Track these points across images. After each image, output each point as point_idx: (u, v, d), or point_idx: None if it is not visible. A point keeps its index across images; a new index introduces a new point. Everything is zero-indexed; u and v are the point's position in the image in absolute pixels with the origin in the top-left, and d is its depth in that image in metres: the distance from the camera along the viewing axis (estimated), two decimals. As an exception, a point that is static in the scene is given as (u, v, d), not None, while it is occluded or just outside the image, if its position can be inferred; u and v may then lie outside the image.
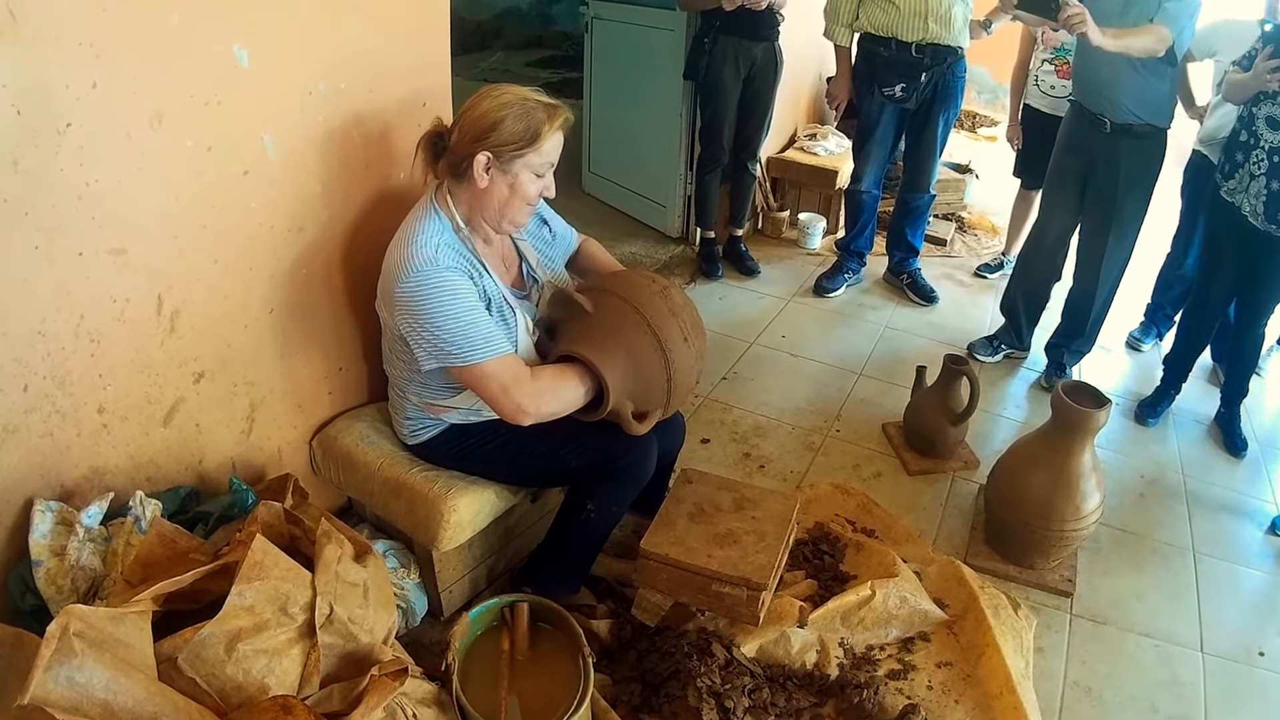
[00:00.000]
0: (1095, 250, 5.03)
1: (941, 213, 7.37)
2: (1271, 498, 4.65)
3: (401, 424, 2.92)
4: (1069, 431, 3.59)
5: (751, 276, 6.18)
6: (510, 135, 2.56)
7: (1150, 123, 4.69)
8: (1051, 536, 3.64)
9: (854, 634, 3.19)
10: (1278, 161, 4.28)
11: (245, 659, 1.93)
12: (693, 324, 2.89)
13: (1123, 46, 4.31)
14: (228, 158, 2.40)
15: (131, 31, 2.08)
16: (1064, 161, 5.09)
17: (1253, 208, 4.42)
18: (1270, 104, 4.30)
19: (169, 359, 2.46)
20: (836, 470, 4.27)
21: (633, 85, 6.33)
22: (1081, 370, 5.47)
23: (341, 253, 2.89)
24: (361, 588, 2.23)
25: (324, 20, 2.58)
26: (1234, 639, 3.73)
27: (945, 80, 5.48)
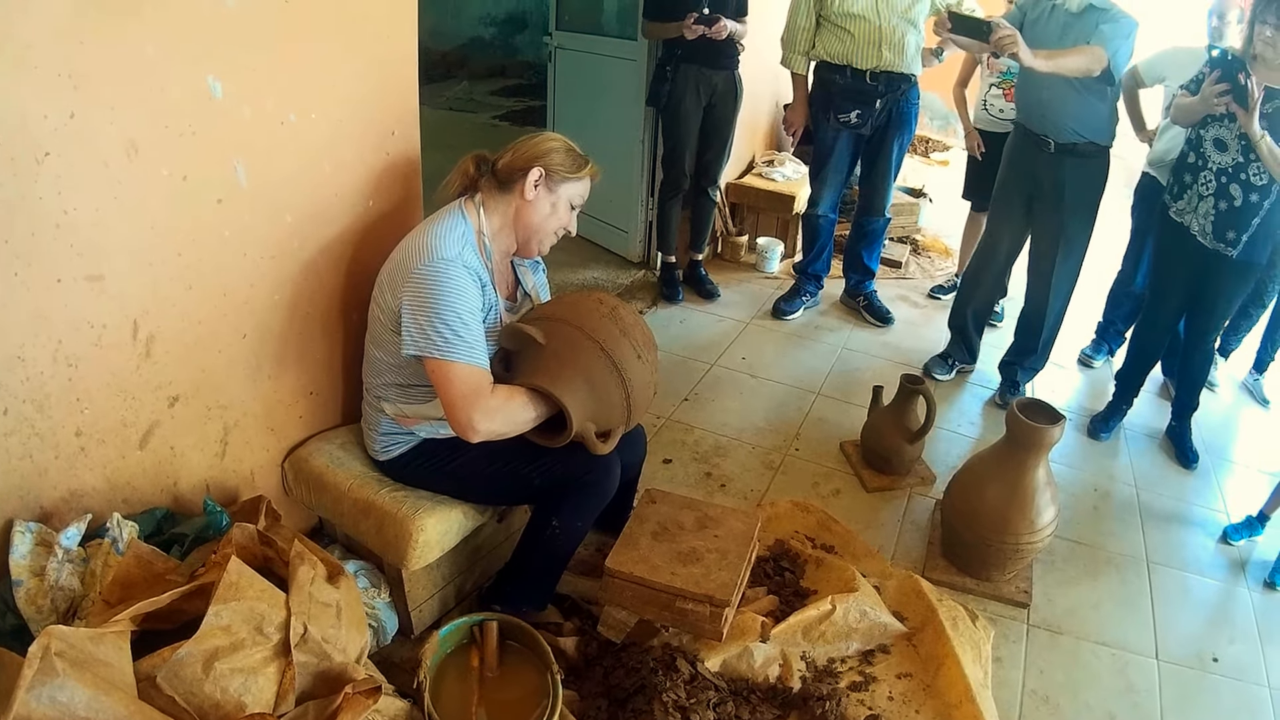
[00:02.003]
0: (1044, 268, 5.09)
1: (896, 235, 7.44)
2: (1223, 507, 4.73)
3: (374, 440, 2.94)
4: (1023, 447, 3.63)
5: (711, 300, 6.21)
6: (561, 162, 2.87)
7: (1093, 141, 4.78)
8: (1007, 550, 3.67)
9: (815, 648, 3.21)
10: (1225, 182, 4.37)
11: (222, 677, 1.94)
12: (644, 341, 2.94)
13: (1056, 67, 4.41)
14: (202, 187, 2.42)
15: (108, 62, 2.10)
16: (1009, 181, 5.17)
17: (1201, 227, 4.50)
18: (1217, 127, 4.37)
19: (144, 383, 2.46)
20: (796, 488, 4.29)
21: (595, 114, 6.37)
22: (1035, 387, 5.53)
23: (313, 279, 2.90)
24: (334, 608, 2.24)
25: (295, 52, 2.60)
26: (1188, 646, 3.78)
27: (899, 107, 5.54)
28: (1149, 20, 4.65)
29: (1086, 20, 4.56)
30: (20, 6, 1.91)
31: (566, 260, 6.24)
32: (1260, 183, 4.28)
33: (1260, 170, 4.26)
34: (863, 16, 5.23)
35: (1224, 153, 4.37)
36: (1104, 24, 4.49)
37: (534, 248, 2.96)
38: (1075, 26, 4.57)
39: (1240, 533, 4.52)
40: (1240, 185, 4.33)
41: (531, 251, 2.98)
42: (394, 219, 3.12)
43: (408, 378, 2.79)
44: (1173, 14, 7.28)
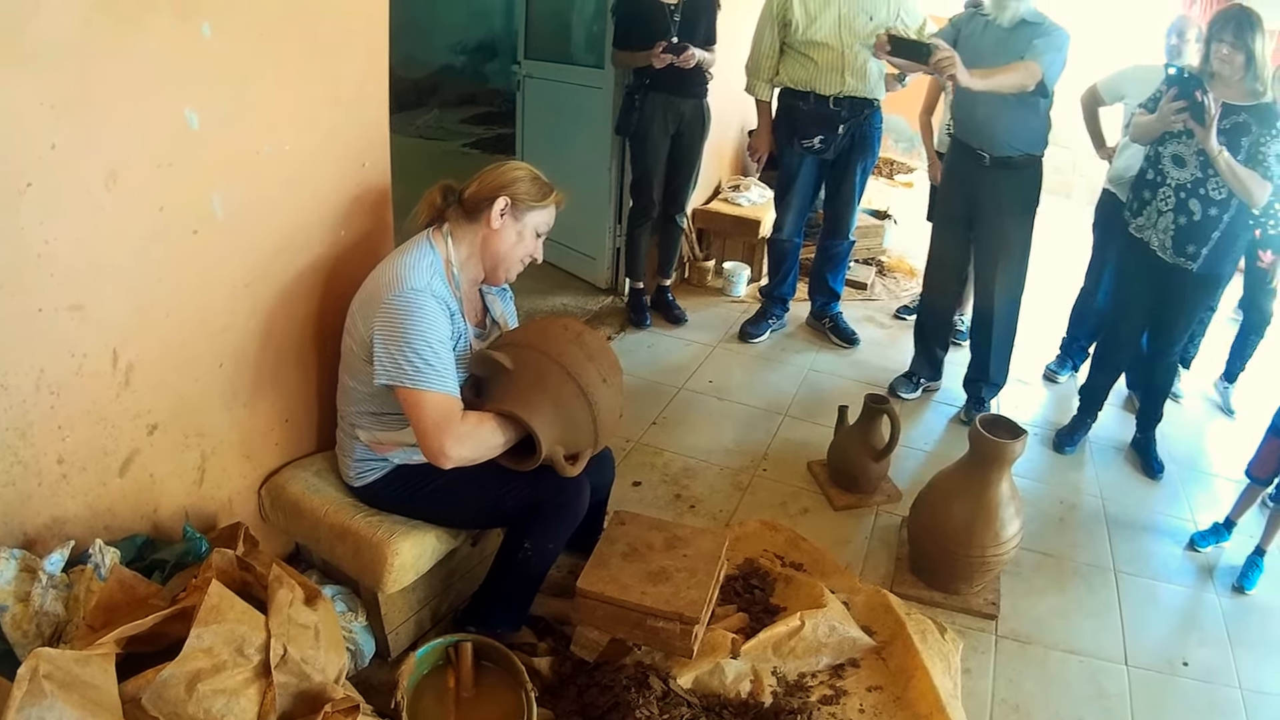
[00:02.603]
0: (988, 278, 5.20)
1: (862, 257, 7.52)
2: (1190, 516, 4.79)
3: (348, 466, 2.99)
4: (987, 462, 3.68)
5: (679, 325, 6.26)
6: (527, 191, 2.93)
7: (1027, 153, 4.88)
8: (974, 563, 3.72)
9: (786, 663, 3.24)
10: (1184, 198, 4.45)
11: (205, 698, 1.98)
12: (609, 364, 3.01)
13: (992, 85, 4.49)
14: (179, 217, 2.46)
15: (89, 94, 2.15)
16: (948, 195, 5.28)
17: (1161, 242, 4.58)
18: (1175, 143, 4.46)
19: (124, 411, 2.50)
20: (764, 508, 4.33)
21: (563, 142, 6.42)
22: (999, 403, 5.59)
23: (287, 308, 2.95)
24: (313, 630, 2.28)
25: (269, 85, 2.66)
26: (1157, 652, 3.83)
27: (862, 131, 5.62)
28: (1110, 39, 4.72)
29: (1019, 35, 4.67)
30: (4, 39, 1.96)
31: (535, 287, 6.29)
32: (1219, 197, 4.37)
33: (1219, 185, 4.34)
34: (825, 44, 5.31)
35: (1182, 169, 4.46)
36: (1037, 38, 4.60)
37: (501, 275, 3.02)
38: (1009, 42, 4.68)
39: (1207, 539, 4.57)
40: (1199, 200, 4.41)
41: (499, 279, 3.04)
42: (365, 249, 3.17)
43: (381, 405, 2.84)
44: (1131, 32, 7.37)
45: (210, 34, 2.41)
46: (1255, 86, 4.31)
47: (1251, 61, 4.29)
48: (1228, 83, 4.34)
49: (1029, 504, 4.40)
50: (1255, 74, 4.31)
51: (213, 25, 2.41)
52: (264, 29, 2.60)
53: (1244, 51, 4.28)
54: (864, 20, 5.31)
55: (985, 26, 4.80)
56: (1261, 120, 4.29)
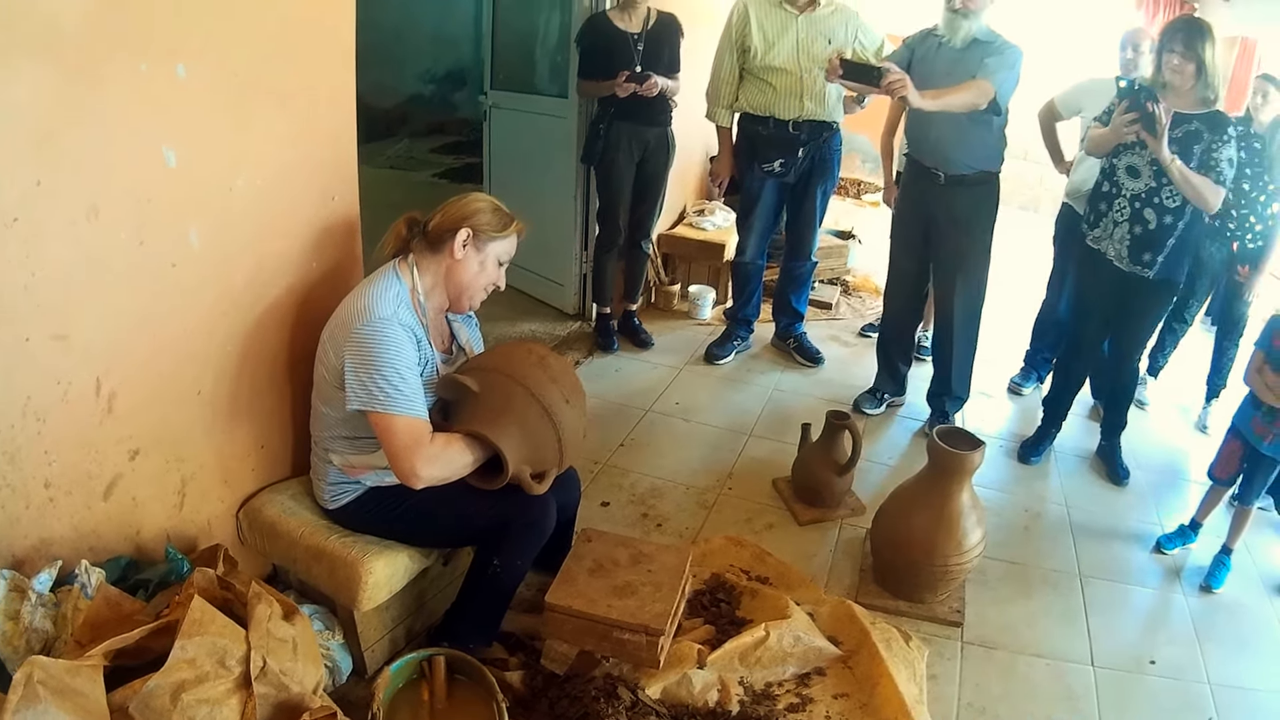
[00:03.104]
0: (947, 293, 5.31)
1: (827, 277, 7.65)
2: (1156, 520, 4.89)
3: (323, 489, 3.09)
4: (946, 473, 3.79)
5: (645, 348, 6.35)
6: (488, 221, 3.05)
7: (982, 170, 4.99)
8: (937, 572, 3.82)
9: (753, 672, 3.34)
10: (1139, 207, 4.58)
11: (189, 708, 2.09)
12: (572, 386, 3.14)
13: (943, 105, 4.61)
14: (158, 250, 2.58)
15: (73, 132, 2.27)
16: (905, 213, 5.39)
17: (1118, 252, 4.69)
18: (1129, 155, 4.58)
19: (107, 437, 2.60)
20: (730, 525, 4.41)
21: (530, 170, 6.51)
22: (964, 417, 5.69)
23: (262, 337, 3.06)
24: (291, 643, 2.40)
25: (242, 123, 2.78)
26: (1125, 652, 3.91)
27: (822, 154, 5.74)
28: (1067, 54, 4.86)
29: (972, 55, 4.77)
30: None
31: (504, 314, 6.38)
32: (1174, 205, 4.48)
33: (1173, 193, 4.46)
34: (783, 69, 5.43)
35: (1137, 179, 4.57)
36: (989, 57, 4.70)
37: (465, 304, 3.14)
38: (962, 62, 4.79)
39: (1173, 541, 4.67)
40: (1154, 209, 4.53)
41: (463, 307, 3.17)
42: (335, 279, 3.29)
43: (353, 430, 2.94)
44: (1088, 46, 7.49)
45: (185, 75, 2.54)
46: (1207, 95, 4.42)
47: (1202, 70, 4.39)
48: (1180, 92, 4.44)
49: (994, 514, 4.52)
50: (1206, 82, 4.40)
51: (187, 67, 2.54)
52: (235, 69, 2.71)
53: (1194, 61, 4.38)
54: (822, 44, 5.43)
55: (939, 47, 4.90)
56: (1213, 127, 4.39)
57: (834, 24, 5.55)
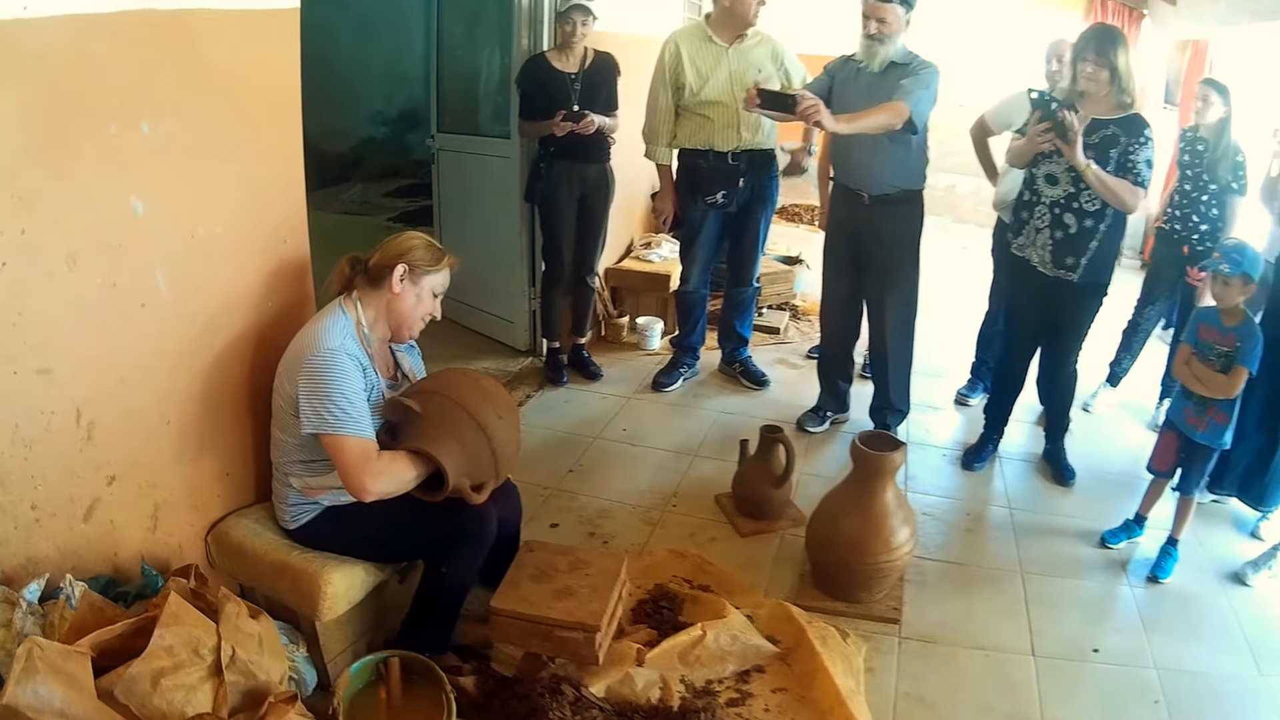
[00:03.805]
0: (878, 310, 5.64)
1: (775, 303, 7.94)
2: (1103, 517, 5.10)
3: (283, 511, 3.43)
4: (870, 476, 4.09)
5: (595, 380, 6.62)
6: (422, 257, 3.43)
7: (904, 188, 5.33)
8: (869, 570, 4.09)
9: (693, 671, 3.61)
10: (1059, 213, 4.87)
11: (168, 692, 2.46)
12: (504, 404, 3.52)
13: (858, 128, 4.86)
14: (129, 292, 2.93)
15: (53, 187, 2.63)
16: (835, 236, 5.70)
17: (1041, 258, 4.98)
18: (1048, 163, 4.87)
19: (87, 463, 2.91)
20: (674, 540, 4.68)
21: (478, 211, 6.87)
22: (909, 429, 6.00)
23: (223, 372, 3.42)
24: (257, 638, 2.78)
25: (201, 175, 3.16)
26: (1066, 642, 4.13)
27: (761, 182, 6.07)
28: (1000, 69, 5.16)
29: (889, 77, 5.07)
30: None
31: (458, 353, 6.61)
32: (1093, 209, 4.77)
33: (1092, 198, 4.74)
34: (719, 101, 5.74)
35: (1055, 186, 4.87)
36: (904, 78, 4.98)
37: (405, 334, 3.52)
38: (880, 84, 5.07)
39: (1118, 536, 4.91)
40: (1074, 214, 4.82)
41: (404, 337, 3.55)
42: (288, 316, 3.63)
43: (309, 454, 3.31)
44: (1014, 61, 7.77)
45: (149, 131, 2.91)
46: (1123, 99, 4.72)
47: (1116, 76, 4.68)
48: (1096, 99, 4.74)
49: (935, 519, 4.91)
50: (1121, 87, 4.70)
51: (150, 124, 2.91)
52: (193, 126, 3.09)
53: (1107, 68, 4.67)
54: (753, 74, 5.73)
55: (857, 72, 5.19)
56: (1130, 130, 4.67)
57: (762, 54, 5.87)
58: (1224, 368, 4.47)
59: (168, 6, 2.91)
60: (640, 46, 6.97)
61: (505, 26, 6.39)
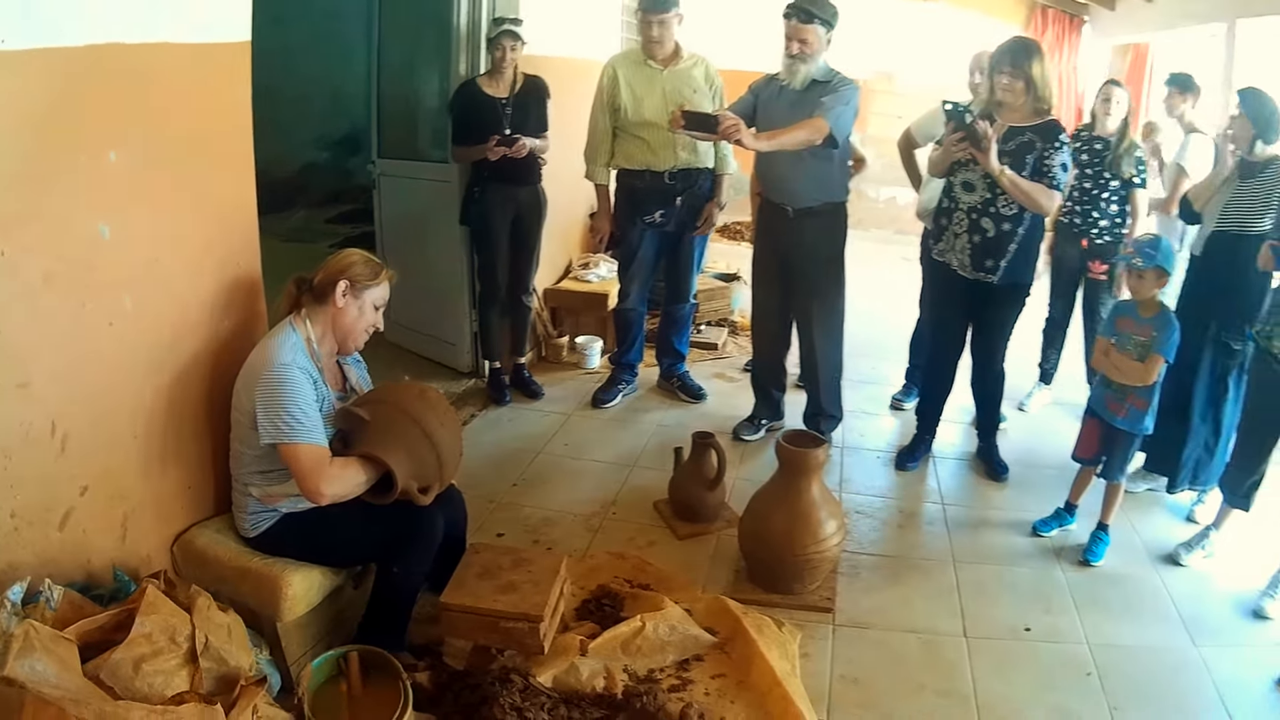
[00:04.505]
0: (806, 320, 5.91)
1: (712, 319, 8.21)
2: (1035, 509, 5.36)
3: (244, 520, 3.69)
4: (796, 472, 4.38)
5: (536, 398, 6.82)
6: (361, 273, 3.72)
7: (827, 201, 5.60)
8: (800, 562, 4.35)
9: (635, 660, 3.86)
10: (976, 218, 5.16)
11: (148, 676, 2.77)
12: (446, 412, 3.85)
13: (778, 145, 5.13)
14: (98, 312, 3.20)
15: (30, 213, 2.89)
16: (761, 247, 6.06)
17: (961, 262, 5.26)
18: (964, 171, 5.15)
19: (61, 474, 3.13)
20: (615, 544, 4.92)
21: (419, 235, 7.05)
22: (844, 434, 6.36)
23: (185, 387, 3.67)
24: (226, 629, 3.09)
25: (164, 201, 3.45)
26: (998, 622, 4.37)
27: (698, 200, 6.32)
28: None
29: (811, 94, 5.33)
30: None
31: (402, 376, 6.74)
32: (1010, 213, 5.05)
33: (1008, 202, 5.02)
34: (654, 123, 6.01)
35: (972, 193, 5.15)
36: (824, 95, 5.26)
37: (351, 346, 3.82)
38: (802, 102, 5.33)
39: (1049, 524, 5.18)
40: (991, 219, 5.10)
41: (349, 349, 3.84)
42: (244, 335, 3.90)
43: (267, 465, 3.58)
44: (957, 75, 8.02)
45: (115, 159, 3.18)
46: (1039, 107, 5.01)
47: (1031, 86, 4.96)
48: (1013, 108, 5.04)
49: (868, 517, 5.19)
50: (1037, 96, 4.99)
51: (117, 152, 3.18)
52: (155, 154, 3.37)
53: (1023, 78, 4.95)
54: (687, 94, 6.02)
55: (780, 90, 5.46)
56: (1045, 136, 4.96)
57: (696, 75, 6.16)
58: (1141, 357, 4.73)
59: (133, 41, 3.19)
60: (576, 69, 7.27)
61: (443, 52, 6.61)
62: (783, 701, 3.64)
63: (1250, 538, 5.07)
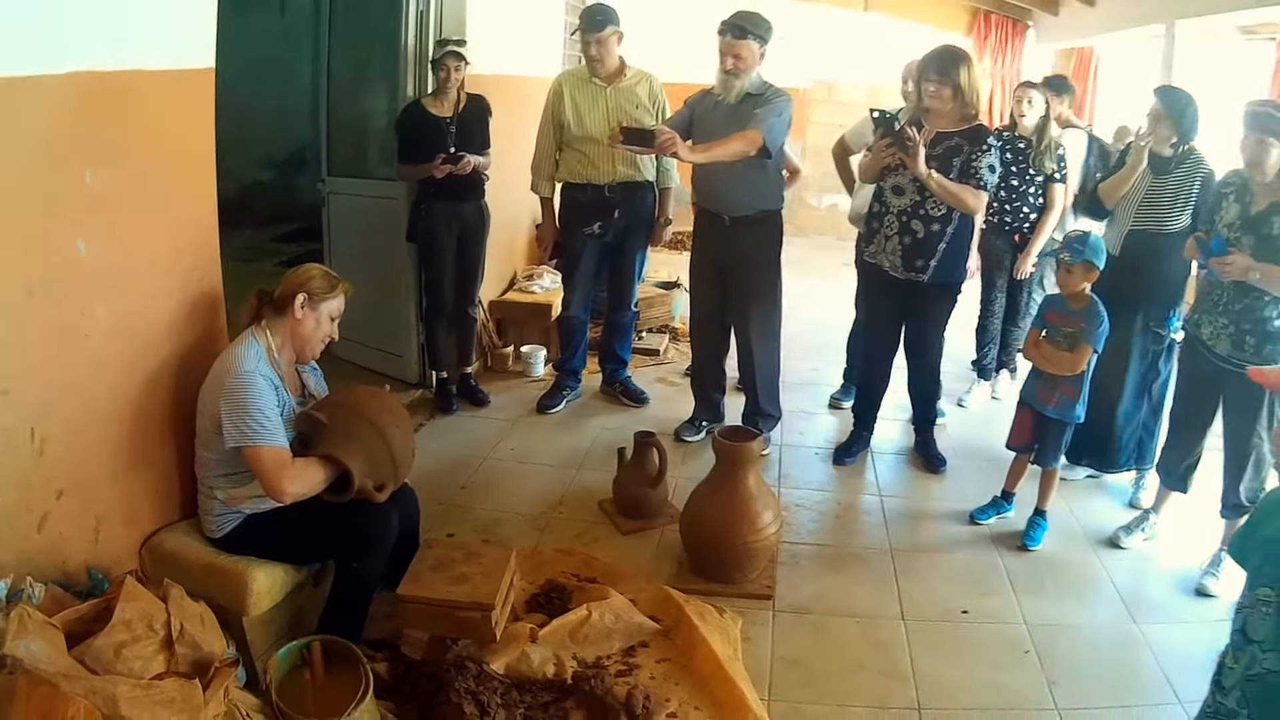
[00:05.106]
0: (743, 323, 6.12)
1: (654, 326, 8.46)
2: (973, 498, 5.60)
3: (209, 521, 3.90)
4: (732, 465, 4.62)
5: (483, 406, 7.03)
6: (319, 286, 3.95)
7: (762, 209, 5.84)
8: (738, 551, 4.58)
9: (583, 648, 4.07)
10: (906, 220, 5.41)
11: (128, 660, 3.01)
12: (400, 414, 4.13)
13: (714, 156, 5.34)
14: (75, 324, 3.41)
15: (12, 231, 3.09)
16: (700, 257, 6.27)
17: (892, 263, 5.50)
18: (894, 176, 5.39)
19: (39, 478, 3.30)
20: (561, 542, 5.12)
21: (367, 251, 7.19)
22: (783, 433, 6.58)
23: (153, 395, 3.90)
24: (199, 617, 3.34)
25: (134, 219, 3.67)
26: (935, 606, 4.58)
27: (637, 212, 6.62)
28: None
29: (745, 107, 5.55)
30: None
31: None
32: (939, 214, 5.29)
33: (937, 204, 5.25)
34: (595, 138, 6.28)
35: (901, 196, 5.38)
36: (758, 108, 5.46)
37: (309, 354, 4.07)
38: (736, 115, 5.54)
39: (986, 513, 5.41)
40: (920, 220, 5.34)
41: (307, 358, 4.09)
42: (207, 345, 4.11)
43: (231, 468, 3.80)
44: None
45: (90, 180, 3.41)
46: (967, 111, 5.25)
47: (959, 92, 5.20)
48: (941, 114, 5.28)
49: (809, 509, 5.43)
50: (964, 101, 5.23)
51: (92, 173, 3.41)
52: (127, 174, 3.60)
53: (950, 85, 5.20)
54: (630, 110, 6.30)
55: (716, 104, 5.69)
56: (973, 140, 5.20)
57: (640, 92, 6.44)
58: (1070, 348, 4.97)
59: (108, 68, 3.43)
60: (519, 86, 7.59)
61: (391, 72, 6.82)
62: (725, 683, 3.85)
63: (1190, 519, 5.31)
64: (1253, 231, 4.56)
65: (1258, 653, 2.58)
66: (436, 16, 6.68)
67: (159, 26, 3.75)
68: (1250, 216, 4.60)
